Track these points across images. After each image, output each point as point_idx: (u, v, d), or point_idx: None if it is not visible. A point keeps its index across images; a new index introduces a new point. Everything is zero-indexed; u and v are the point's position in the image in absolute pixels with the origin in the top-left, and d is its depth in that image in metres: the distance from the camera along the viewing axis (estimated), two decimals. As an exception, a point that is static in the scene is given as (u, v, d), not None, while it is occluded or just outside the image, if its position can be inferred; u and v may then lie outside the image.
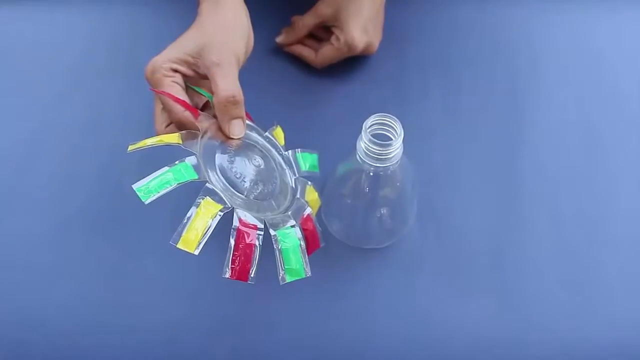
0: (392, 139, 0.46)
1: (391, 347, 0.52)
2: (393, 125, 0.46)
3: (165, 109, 0.47)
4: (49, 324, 0.53)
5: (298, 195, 0.49)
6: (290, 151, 0.53)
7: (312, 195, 0.51)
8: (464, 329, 0.53)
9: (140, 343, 0.53)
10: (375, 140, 0.45)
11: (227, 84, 0.46)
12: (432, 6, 0.67)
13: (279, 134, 0.54)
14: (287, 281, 0.42)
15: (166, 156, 0.44)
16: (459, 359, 0.52)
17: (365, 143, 0.46)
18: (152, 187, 0.40)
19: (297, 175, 0.52)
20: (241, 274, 0.41)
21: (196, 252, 0.40)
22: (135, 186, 0.40)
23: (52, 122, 0.63)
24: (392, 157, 0.46)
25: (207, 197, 0.41)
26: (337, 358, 0.52)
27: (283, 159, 0.52)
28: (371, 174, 0.49)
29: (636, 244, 0.57)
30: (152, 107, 0.50)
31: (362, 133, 0.46)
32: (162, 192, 0.40)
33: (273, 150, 0.51)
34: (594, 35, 0.69)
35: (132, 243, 0.56)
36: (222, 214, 0.41)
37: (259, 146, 0.50)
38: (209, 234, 0.40)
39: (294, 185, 0.50)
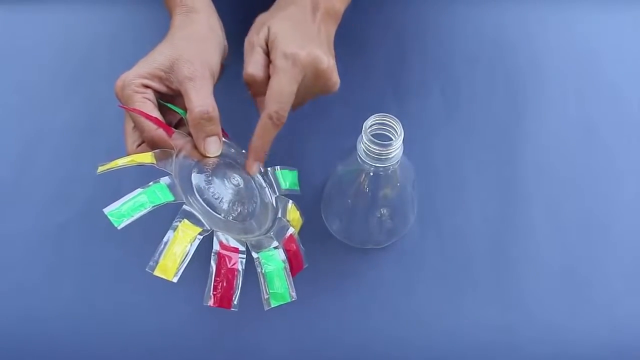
0: (392, 139, 0.46)
1: (391, 347, 0.52)
2: (393, 125, 0.46)
3: (137, 127, 0.45)
4: (48, 324, 0.53)
5: (279, 215, 0.47)
6: (269, 169, 0.51)
7: (294, 214, 0.50)
8: (464, 329, 0.53)
9: (139, 343, 0.53)
10: (376, 141, 0.45)
11: (201, 99, 0.44)
12: (432, 6, 0.68)
13: None
14: (271, 306, 0.40)
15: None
16: (460, 359, 0.52)
17: (365, 143, 0.46)
18: (124, 211, 0.37)
19: (277, 193, 0.50)
20: (223, 301, 0.39)
21: (175, 280, 0.37)
22: (106, 210, 0.37)
23: (52, 122, 0.63)
24: (392, 157, 0.46)
25: (185, 219, 0.39)
26: (336, 358, 0.52)
27: (262, 177, 0.50)
28: (371, 174, 0.49)
29: (636, 244, 0.57)
30: (122, 125, 0.48)
31: (362, 133, 0.46)
32: (136, 215, 0.37)
33: None
34: (593, 35, 0.69)
35: (132, 243, 0.56)
36: (201, 237, 0.39)
37: (236, 164, 0.49)
38: (188, 260, 0.38)
39: (274, 205, 0.49)
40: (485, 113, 0.64)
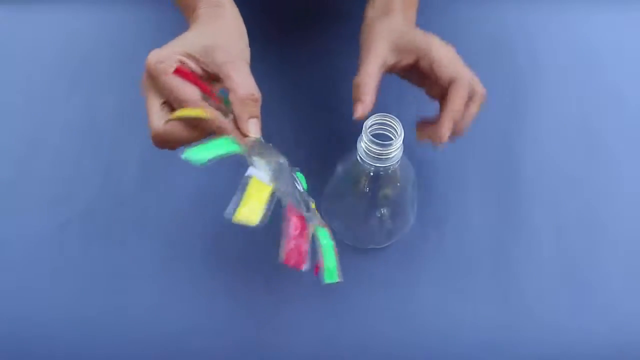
0: (392, 139, 0.46)
1: (391, 347, 0.52)
2: (393, 125, 0.46)
3: (175, 99, 0.43)
4: (49, 324, 0.53)
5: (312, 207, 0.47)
6: (291, 168, 0.51)
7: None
8: (464, 329, 0.53)
9: (139, 343, 0.53)
10: (376, 140, 0.45)
11: (246, 80, 0.44)
12: (432, 6, 0.67)
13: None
14: (326, 281, 0.40)
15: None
16: (461, 358, 0.52)
17: (365, 143, 0.46)
18: (202, 152, 0.39)
19: (302, 190, 0.50)
20: (296, 259, 0.39)
21: (258, 223, 0.38)
22: (185, 154, 0.38)
23: (52, 122, 0.63)
24: (393, 157, 0.46)
25: (254, 176, 0.40)
26: (335, 358, 0.52)
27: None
28: (371, 174, 0.49)
29: (637, 245, 0.57)
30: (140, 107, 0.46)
31: (363, 133, 0.46)
32: (215, 154, 0.39)
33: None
34: (593, 35, 0.69)
35: (132, 244, 0.56)
36: (274, 194, 0.40)
37: (271, 148, 0.48)
38: (269, 209, 0.38)
39: (307, 195, 0.49)
40: (486, 113, 0.63)
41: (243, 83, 0.44)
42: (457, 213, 0.58)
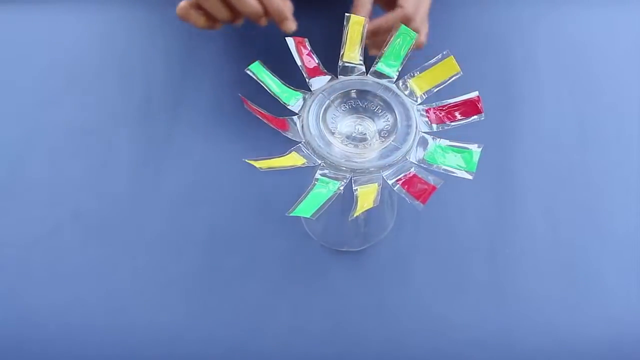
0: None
1: (385, 346, 0.53)
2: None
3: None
4: (43, 325, 0.54)
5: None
6: None
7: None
8: (458, 326, 0.53)
9: (136, 343, 0.53)
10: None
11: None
12: (431, 5, 0.67)
13: None
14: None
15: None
16: (455, 356, 0.52)
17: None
18: (306, 207, 0.40)
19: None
20: (426, 195, 0.42)
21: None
22: (292, 212, 0.39)
23: (46, 122, 0.63)
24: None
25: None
26: (331, 357, 0.53)
27: None
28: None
29: (631, 240, 0.56)
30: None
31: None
32: (320, 203, 0.40)
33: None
34: (588, 32, 0.68)
35: (127, 243, 0.57)
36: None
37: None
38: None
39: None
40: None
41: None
42: (451, 209, 0.58)
